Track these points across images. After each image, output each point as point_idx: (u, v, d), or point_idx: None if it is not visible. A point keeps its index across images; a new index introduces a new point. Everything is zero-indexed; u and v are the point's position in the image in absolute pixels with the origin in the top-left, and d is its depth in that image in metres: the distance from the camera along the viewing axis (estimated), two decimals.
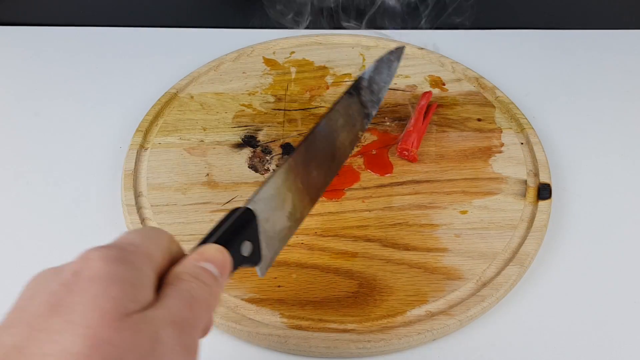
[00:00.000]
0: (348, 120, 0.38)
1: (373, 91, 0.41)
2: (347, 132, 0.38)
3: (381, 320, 0.37)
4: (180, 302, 0.23)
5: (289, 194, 0.33)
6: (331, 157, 0.37)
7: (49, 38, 0.60)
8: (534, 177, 0.45)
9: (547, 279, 0.41)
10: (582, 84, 0.56)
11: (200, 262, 0.25)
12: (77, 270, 0.22)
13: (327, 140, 0.37)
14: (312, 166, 0.35)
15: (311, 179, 0.35)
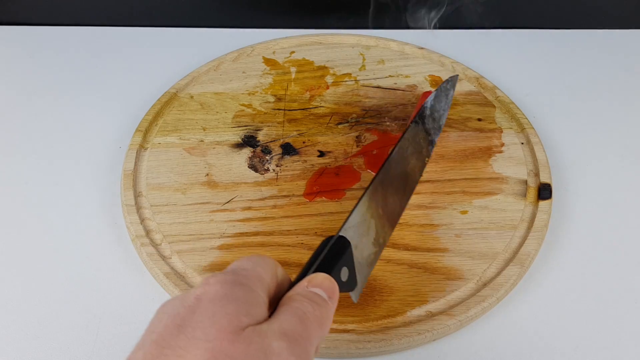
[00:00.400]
0: (416, 147, 0.41)
1: (435, 119, 0.44)
2: (416, 158, 0.41)
3: (381, 321, 0.37)
4: (292, 317, 0.25)
5: (372, 221, 0.35)
6: (404, 184, 0.40)
7: (48, 38, 0.60)
8: (534, 177, 0.45)
9: (547, 279, 0.41)
10: (583, 83, 0.56)
11: (310, 288, 0.27)
12: (199, 294, 0.24)
13: (400, 167, 0.39)
14: (389, 193, 0.37)
15: (389, 205, 0.37)
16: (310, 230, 0.42)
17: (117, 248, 0.42)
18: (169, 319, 0.24)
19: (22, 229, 0.43)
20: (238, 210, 0.43)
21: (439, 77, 0.53)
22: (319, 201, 0.43)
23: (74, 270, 0.41)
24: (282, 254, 0.40)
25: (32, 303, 0.39)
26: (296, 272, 0.39)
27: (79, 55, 0.58)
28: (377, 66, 0.55)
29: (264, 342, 0.23)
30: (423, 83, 0.53)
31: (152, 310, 0.39)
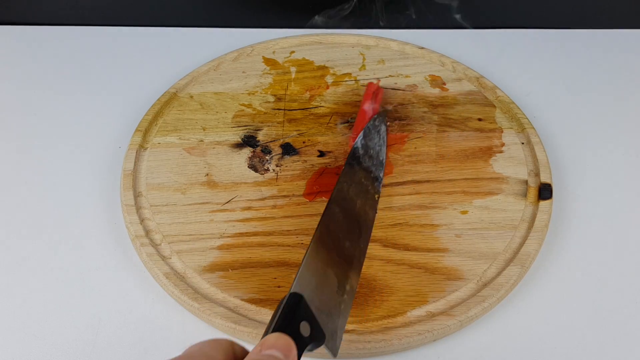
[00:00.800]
0: (359, 187, 0.41)
1: (371, 156, 0.44)
2: (363, 197, 0.40)
3: (381, 321, 0.37)
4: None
5: (328, 269, 0.34)
6: (357, 225, 0.39)
7: (47, 37, 0.60)
8: (534, 177, 0.45)
9: (548, 280, 0.41)
10: (584, 83, 0.55)
11: (264, 351, 0.26)
12: None
13: (345, 210, 0.38)
14: (340, 237, 0.36)
15: (345, 250, 0.36)
16: (310, 231, 0.42)
17: (117, 248, 0.42)
18: None
19: (22, 229, 0.43)
20: (238, 211, 0.43)
21: (439, 77, 0.53)
22: (319, 201, 0.43)
23: (73, 271, 0.41)
24: (282, 254, 0.40)
25: (31, 303, 0.39)
26: (296, 271, 0.39)
27: (79, 55, 0.58)
28: (377, 66, 0.55)
29: None
30: (423, 83, 0.53)
31: (151, 310, 0.39)
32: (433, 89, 0.52)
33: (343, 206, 0.38)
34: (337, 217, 0.37)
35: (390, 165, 0.46)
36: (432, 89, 0.52)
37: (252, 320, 0.37)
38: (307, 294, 0.31)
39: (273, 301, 0.38)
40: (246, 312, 0.37)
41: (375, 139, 0.44)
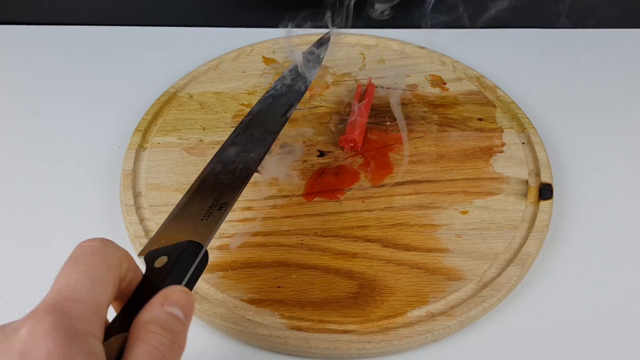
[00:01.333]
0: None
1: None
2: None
3: (382, 321, 0.37)
4: (152, 358, 0.23)
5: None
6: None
7: (47, 37, 0.60)
8: (535, 177, 0.45)
9: (548, 280, 0.41)
10: (584, 83, 0.55)
11: (166, 307, 0.25)
12: (24, 350, 0.20)
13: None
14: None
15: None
16: (310, 231, 0.41)
17: None
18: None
19: (21, 229, 0.43)
20: (237, 211, 0.43)
21: (439, 77, 0.53)
22: (318, 201, 0.43)
23: None
24: (282, 254, 0.40)
25: (30, 303, 0.39)
26: (296, 272, 0.39)
27: (78, 55, 0.58)
28: (378, 66, 0.54)
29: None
30: (423, 83, 0.53)
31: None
32: (433, 88, 0.52)
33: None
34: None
35: (390, 165, 0.46)
36: (433, 89, 0.52)
37: (252, 320, 0.37)
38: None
39: (273, 301, 0.38)
40: (245, 312, 0.37)
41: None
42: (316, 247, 0.41)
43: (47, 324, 0.21)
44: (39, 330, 0.21)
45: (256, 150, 0.38)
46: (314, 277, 0.39)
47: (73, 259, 0.25)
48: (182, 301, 0.26)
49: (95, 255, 0.25)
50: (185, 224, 0.32)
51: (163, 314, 0.25)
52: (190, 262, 0.29)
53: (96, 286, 0.23)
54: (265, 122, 0.40)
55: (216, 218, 0.33)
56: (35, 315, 0.21)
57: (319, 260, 0.40)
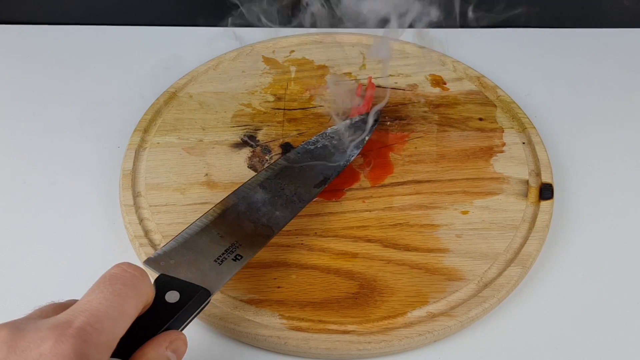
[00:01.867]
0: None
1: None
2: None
3: (382, 322, 0.37)
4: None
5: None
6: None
7: (46, 37, 0.60)
8: (535, 177, 0.45)
9: (549, 280, 0.40)
10: (585, 83, 0.55)
11: (168, 351, 0.27)
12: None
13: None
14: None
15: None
16: (310, 231, 0.41)
17: (116, 248, 0.42)
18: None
19: (20, 229, 0.43)
20: None
21: (439, 76, 0.53)
22: (318, 201, 0.43)
23: (71, 271, 0.41)
24: (281, 254, 0.40)
25: (29, 304, 0.39)
26: (296, 272, 0.39)
27: (77, 54, 0.58)
28: (378, 65, 0.54)
29: None
30: (424, 82, 0.53)
31: None
32: (433, 88, 0.52)
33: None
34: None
35: (391, 165, 0.46)
36: (433, 89, 0.52)
37: (252, 321, 0.37)
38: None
39: (273, 302, 0.37)
40: (245, 313, 0.37)
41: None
42: (316, 247, 0.40)
43: (69, 347, 0.22)
44: (60, 350, 0.22)
45: (283, 211, 0.38)
46: (314, 277, 0.39)
47: (111, 282, 0.26)
48: (181, 350, 0.28)
49: (131, 289, 0.26)
50: (199, 259, 0.33)
51: (164, 357, 0.27)
52: (198, 308, 0.31)
53: (120, 322, 0.25)
54: (298, 182, 0.40)
55: (230, 269, 0.34)
56: (62, 332, 0.23)
57: (319, 261, 0.40)
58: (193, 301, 0.30)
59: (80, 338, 0.23)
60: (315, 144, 0.43)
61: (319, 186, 0.40)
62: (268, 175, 0.40)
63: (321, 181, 0.41)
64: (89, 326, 0.23)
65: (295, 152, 0.42)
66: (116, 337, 0.24)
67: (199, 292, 0.31)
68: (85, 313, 0.24)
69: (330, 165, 0.42)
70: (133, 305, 0.26)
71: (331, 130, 0.44)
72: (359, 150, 0.44)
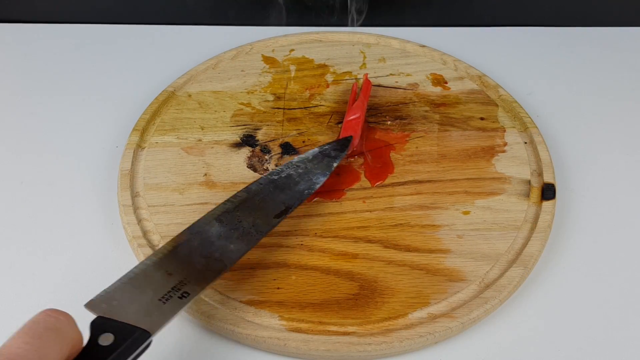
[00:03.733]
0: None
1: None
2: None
3: (382, 323, 0.36)
4: None
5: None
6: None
7: (44, 36, 0.59)
8: (537, 177, 0.45)
9: (551, 281, 0.40)
10: (587, 82, 0.55)
11: None
12: None
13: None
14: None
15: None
16: (310, 231, 0.41)
17: (114, 249, 0.42)
18: None
19: (17, 230, 0.43)
20: None
21: (440, 76, 0.53)
22: (318, 201, 0.43)
23: (69, 272, 0.40)
24: (281, 255, 0.40)
25: (27, 304, 0.39)
26: (295, 273, 0.39)
27: (75, 54, 0.57)
28: (378, 64, 0.54)
29: None
30: (425, 81, 0.52)
31: None
32: (434, 87, 0.52)
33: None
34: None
35: (392, 165, 0.45)
36: (434, 88, 0.52)
37: (251, 322, 0.36)
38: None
39: (272, 303, 0.37)
40: (244, 314, 0.37)
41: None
42: (316, 248, 0.40)
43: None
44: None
45: (237, 244, 0.36)
46: (314, 278, 0.38)
47: (32, 327, 0.25)
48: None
49: (53, 333, 0.25)
50: (141, 298, 0.31)
51: None
52: (134, 350, 0.29)
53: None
54: (257, 213, 0.38)
55: (173, 308, 0.31)
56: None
57: (319, 261, 0.39)
58: (128, 343, 0.28)
59: None
60: (279, 174, 0.41)
61: (280, 216, 0.38)
62: (226, 208, 0.38)
63: (282, 211, 0.39)
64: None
65: (257, 184, 0.40)
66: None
67: (136, 334, 0.29)
68: (2, 358, 0.23)
69: (292, 193, 0.40)
70: (55, 349, 0.25)
71: (298, 159, 0.42)
72: (325, 177, 0.42)
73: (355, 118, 0.47)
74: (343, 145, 0.44)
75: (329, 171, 0.42)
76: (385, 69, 0.54)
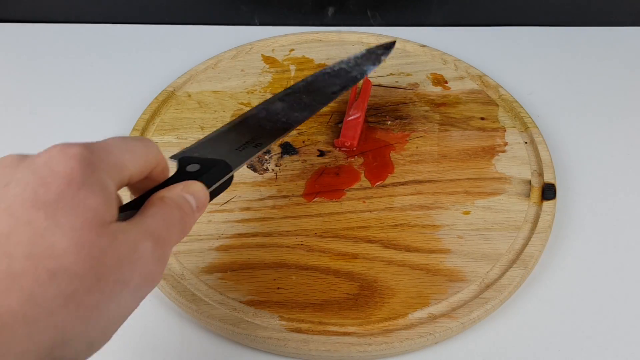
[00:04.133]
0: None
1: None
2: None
3: (382, 323, 0.36)
4: (160, 220, 0.25)
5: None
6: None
7: (43, 35, 0.59)
8: (538, 177, 0.45)
9: (551, 281, 0.40)
10: (587, 82, 0.55)
11: (184, 193, 0.27)
12: (49, 162, 0.22)
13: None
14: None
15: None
16: (310, 231, 0.41)
17: None
18: (18, 188, 0.21)
19: None
20: (236, 211, 0.42)
21: (440, 75, 0.53)
22: (318, 201, 0.43)
23: None
24: (281, 254, 0.40)
25: None
26: (295, 273, 0.39)
27: (75, 53, 0.57)
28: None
29: (129, 240, 0.23)
30: (425, 81, 0.52)
31: (148, 312, 0.39)
32: (435, 87, 0.52)
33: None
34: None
35: (392, 165, 0.45)
36: (434, 88, 0.52)
37: (251, 322, 0.36)
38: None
39: (272, 303, 0.37)
40: (244, 314, 0.37)
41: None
42: (316, 248, 0.40)
43: (76, 150, 0.23)
44: (67, 151, 0.23)
45: (301, 113, 0.39)
46: (314, 278, 0.38)
47: (123, 137, 0.27)
48: (199, 195, 0.28)
49: (140, 141, 0.27)
50: (221, 147, 0.34)
51: (179, 196, 0.27)
52: (218, 176, 0.31)
53: (128, 154, 0.25)
54: (316, 92, 0.41)
55: (250, 152, 0.34)
56: (67, 143, 0.23)
57: (319, 261, 0.39)
58: (213, 170, 0.30)
59: (87, 148, 0.23)
60: (332, 69, 0.44)
61: (336, 93, 0.42)
62: (286, 92, 0.41)
63: (338, 89, 0.42)
64: (96, 145, 0.24)
65: (313, 75, 0.43)
66: (124, 165, 0.25)
67: (219, 163, 0.31)
68: (92, 141, 0.25)
69: (346, 77, 0.43)
70: (142, 150, 0.26)
71: (347, 57, 0.45)
72: (375, 67, 0.45)
73: (355, 118, 0.47)
74: (388, 46, 0.47)
75: (379, 62, 0.45)
76: (385, 68, 0.53)
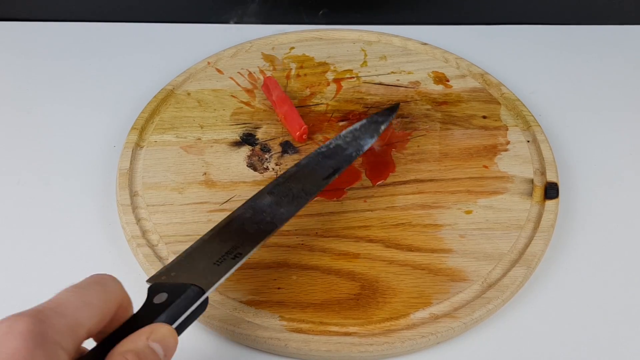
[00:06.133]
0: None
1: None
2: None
3: (384, 323, 0.36)
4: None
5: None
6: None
7: (42, 34, 0.59)
8: (540, 175, 0.44)
9: (554, 281, 0.40)
10: (590, 80, 0.55)
11: (150, 342, 0.25)
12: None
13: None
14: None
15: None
16: (311, 231, 0.41)
17: (113, 249, 0.41)
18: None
19: (15, 230, 0.42)
20: None
21: (442, 74, 0.52)
22: (319, 201, 0.43)
23: (68, 272, 0.40)
24: (281, 254, 0.39)
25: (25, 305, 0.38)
26: (296, 273, 0.38)
27: (73, 52, 0.57)
28: (379, 62, 0.54)
29: None
30: (426, 80, 0.52)
31: None
32: (436, 85, 0.51)
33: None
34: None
35: (393, 164, 0.45)
36: (436, 86, 0.51)
37: (252, 322, 0.36)
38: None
39: (273, 303, 0.37)
40: (245, 314, 0.36)
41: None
42: (317, 248, 0.40)
43: (23, 325, 0.22)
44: (14, 328, 0.22)
45: (287, 207, 0.38)
46: (314, 278, 0.38)
47: (78, 283, 0.26)
48: (167, 341, 0.26)
49: (97, 285, 0.26)
50: (197, 265, 0.33)
51: (144, 347, 0.25)
52: (187, 306, 0.29)
53: (84, 309, 0.24)
54: (307, 179, 0.40)
55: (227, 266, 0.33)
56: (17, 315, 0.23)
57: (319, 261, 0.39)
58: (182, 298, 0.29)
59: (36, 317, 0.22)
60: (327, 147, 0.42)
61: (329, 178, 0.40)
62: (277, 182, 0.39)
63: (331, 172, 0.40)
64: (47, 309, 0.23)
65: (307, 157, 0.41)
66: (80, 324, 0.24)
67: (188, 289, 0.30)
68: (46, 302, 0.24)
69: (340, 157, 0.42)
70: (100, 298, 0.25)
71: (345, 131, 0.44)
72: (373, 139, 0.43)
73: (287, 109, 0.47)
74: (390, 110, 0.46)
75: (377, 134, 0.44)
76: (386, 67, 0.53)
